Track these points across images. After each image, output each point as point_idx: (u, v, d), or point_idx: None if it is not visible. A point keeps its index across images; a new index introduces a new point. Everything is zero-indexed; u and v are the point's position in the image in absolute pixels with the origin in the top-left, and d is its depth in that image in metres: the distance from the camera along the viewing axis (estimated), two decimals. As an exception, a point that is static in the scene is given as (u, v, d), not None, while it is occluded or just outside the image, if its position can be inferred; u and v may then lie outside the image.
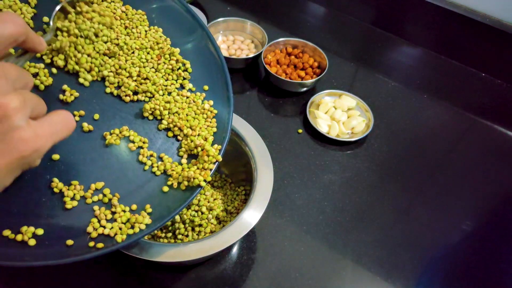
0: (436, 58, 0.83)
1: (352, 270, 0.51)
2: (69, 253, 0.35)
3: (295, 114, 0.70)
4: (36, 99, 0.27)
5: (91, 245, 0.36)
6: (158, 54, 0.46)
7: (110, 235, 0.37)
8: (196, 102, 0.45)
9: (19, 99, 0.25)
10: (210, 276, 0.49)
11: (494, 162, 0.65)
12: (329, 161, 0.63)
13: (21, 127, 0.24)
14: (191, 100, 0.45)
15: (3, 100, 0.24)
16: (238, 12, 0.89)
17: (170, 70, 0.46)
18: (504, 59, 0.76)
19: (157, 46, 0.46)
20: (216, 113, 0.45)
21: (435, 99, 0.75)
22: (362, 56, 0.82)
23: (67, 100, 0.40)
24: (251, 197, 0.45)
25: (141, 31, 0.46)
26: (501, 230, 0.57)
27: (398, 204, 0.58)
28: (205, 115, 0.45)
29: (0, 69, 0.25)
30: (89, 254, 0.35)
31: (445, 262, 0.53)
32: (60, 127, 0.28)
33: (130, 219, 0.38)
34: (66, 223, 0.36)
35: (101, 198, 0.38)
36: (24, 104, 0.25)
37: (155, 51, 0.46)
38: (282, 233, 0.54)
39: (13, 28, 0.27)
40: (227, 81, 0.47)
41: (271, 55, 0.75)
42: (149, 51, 0.45)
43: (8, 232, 0.34)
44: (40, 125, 0.26)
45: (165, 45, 0.46)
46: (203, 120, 0.44)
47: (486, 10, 0.75)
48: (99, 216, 0.37)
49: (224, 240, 0.41)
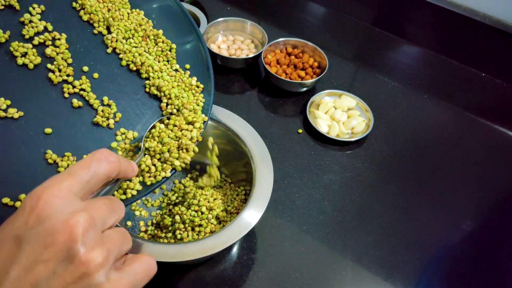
0: (436, 58, 0.83)
1: (352, 270, 0.51)
2: None
3: (295, 114, 0.70)
4: (121, 239, 0.27)
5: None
6: (143, 36, 0.48)
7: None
8: (183, 80, 0.48)
9: (103, 254, 0.24)
10: (210, 276, 0.49)
11: (494, 162, 0.65)
12: (329, 161, 0.63)
13: (101, 284, 0.24)
14: (179, 78, 0.48)
15: (86, 256, 0.23)
16: (238, 12, 0.89)
17: (160, 51, 0.48)
18: (504, 59, 0.76)
19: (140, 28, 0.48)
20: (203, 87, 0.48)
21: (435, 99, 0.75)
22: (362, 56, 0.82)
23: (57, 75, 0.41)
24: (251, 197, 0.45)
25: (124, 14, 0.47)
26: (501, 230, 0.57)
27: (398, 204, 0.58)
28: (193, 90, 0.48)
29: (89, 217, 0.24)
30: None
31: (445, 262, 0.53)
32: (141, 277, 0.27)
33: (122, 185, 0.40)
34: None
35: None
36: (107, 259, 0.24)
37: (139, 32, 0.47)
38: (282, 233, 0.54)
39: (107, 167, 0.28)
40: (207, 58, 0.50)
41: (271, 55, 0.75)
42: (133, 33, 0.47)
43: (7, 200, 0.36)
44: (121, 278, 0.25)
45: (147, 27, 0.48)
46: (192, 95, 0.47)
47: (486, 10, 0.75)
48: None
49: (224, 240, 0.41)
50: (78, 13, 0.45)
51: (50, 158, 0.39)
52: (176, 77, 0.48)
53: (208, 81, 0.49)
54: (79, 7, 0.45)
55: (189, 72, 0.49)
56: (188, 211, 0.48)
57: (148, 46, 0.47)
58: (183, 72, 0.49)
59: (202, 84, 0.49)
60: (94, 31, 0.45)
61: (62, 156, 0.39)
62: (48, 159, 0.39)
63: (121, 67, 0.46)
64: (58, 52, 0.42)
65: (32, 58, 0.40)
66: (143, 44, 0.47)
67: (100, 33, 0.46)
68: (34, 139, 0.39)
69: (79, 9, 0.45)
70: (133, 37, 0.47)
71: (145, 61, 0.46)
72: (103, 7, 0.46)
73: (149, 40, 0.48)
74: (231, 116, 0.53)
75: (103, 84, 0.44)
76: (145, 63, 0.46)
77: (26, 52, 0.40)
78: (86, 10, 0.45)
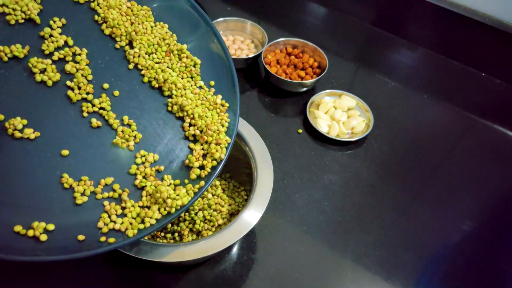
0: (436, 58, 0.83)
1: (352, 270, 0.51)
2: (81, 248, 0.35)
3: (295, 114, 0.70)
4: None
5: (103, 240, 0.36)
6: (166, 51, 0.46)
7: (121, 230, 0.37)
8: (208, 98, 0.45)
9: None
10: (210, 276, 0.49)
11: (494, 162, 0.65)
12: (329, 161, 0.63)
13: None
14: (203, 96, 0.45)
15: None
16: (238, 12, 0.89)
17: (184, 67, 0.46)
18: (504, 59, 0.76)
19: (164, 42, 0.46)
20: (228, 106, 0.46)
21: (435, 99, 0.75)
22: (362, 56, 0.82)
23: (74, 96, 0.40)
24: (251, 197, 0.45)
25: (147, 27, 0.45)
26: (501, 230, 0.57)
27: (398, 204, 0.58)
28: (218, 109, 0.45)
29: None
30: (101, 249, 0.35)
31: (445, 262, 0.53)
32: None
33: (140, 213, 0.38)
34: (77, 218, 0.37)
35: (111, 195, 0.38)
36: None
37: (162, 47, 0.45)
38: (282, 233, 0.54)
39: None
40: (232, 74, 0.48)
41: (271, 55, 0.75)
42: (156, 48, 0.45)
43: (20, 228, 0.34)
44: None
45: (171, 41, 0.46)
46: (216, 115, 0.45)
47: (486, 10, 0.75)
48: (109, 211, 0.37)
49: (224, 240, 0.41)
50: (100, 27, 0.43)
51: (66, 183, 0.37)
52: (200, 94, 0.45)
53: (234, 99, 0.46)
54: (101, 20, 0.43)
55: (214, 89, 0.47)
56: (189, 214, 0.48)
57: (172, 62, 0.45)
58: (207, 90, 0.46)
59: (227, 102, 0.46)
60: (116, 46, 0.43)
61: (79, 180, 0.38)
62: (64, 183, 0.37)
63: (143, 84, 0.44)
64: (78, 69, 0.41)
65: (51, 75, 0.39)
66: (167, 60, 0.45)
67: (122, 48, 0.44)
68: (50, 161, 0.37)
69: (101, 22, 0.43)
70: (156, 52, 0.45)
71: (168, 78, 0.43)
72: (126, 20, 0.44)
73: (173, 56, 0.46)
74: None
75: (123, 102, 0.42)
76: (168, 80, 0.43)
77: (45, 68, 0.39)
78: (109, 23, 0.43)
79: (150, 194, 0.39)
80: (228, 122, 0.45)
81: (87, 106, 0.40)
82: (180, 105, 0.43)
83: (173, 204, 0.38)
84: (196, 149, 0.42)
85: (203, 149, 0.43)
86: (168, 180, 0.40)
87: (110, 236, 0.36)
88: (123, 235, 0.37)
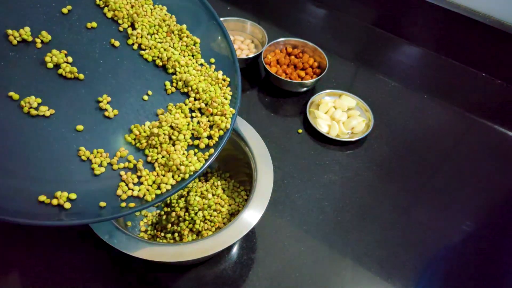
0: (436, 58, 0.83)
1: (352, 270, 0.51)
2: (104, 213, 0.37)
3: (295, 114, 0.70)
4: None
5: (123, 205, 0.38)
6: (167, 31, 0.48)
7: (140, 196, 0.39)
8: (209, 74, 0.48)
9: None
10: (210, 276, 0.49)
11: (494, 162, 0.65)
12: (329, 161, 0.63)
13: None
14: (205, 72, 0.48)
15: None
16: (238, 12, 0.89)
17: (185, 46, 0.48)
18: (504, 59, 0.76)
19: (164, 23, 0.48)
20: (229, 81, 0.48)
21: (435, 99, 0.75)
22: (362, 56, 0.82)
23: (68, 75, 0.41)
24: (251, 197, 0.45)
25: (147, 10, 0.48)
26: (501, 230, 0.57)
27: (398, 204, 0.58)
28: (220, 84, 0.48)
29: None
30: (123, 212, 0.38)
31: (445, 262, 0.53)
32: None
33: (156, 180, 0.40)
34: (96, 187, 0.39)
35: (126, 165, 0.40)
36: None
37: (163, 28, 0.48)
38: (282, 233, 0.54)
39: None
40: (231, 49, 0.50)
41: (271, 55, 0.75)
42: (157, 29, 0.47)
43: (44, 198, 0.36)
44: None
45: (171, 22, 0.48)
46: (219, 89, 0.47)
47: (486, 10, 0.75)
48: (126, 180, 0.40)
49: (224, 240, 0.41)
50: (102, 10, 0.45)
51: (84, 155, 0.39)
52: (202, 71, 0.48)
53: (235, 74, 0.49)
54: (103, 4, 0.45)
55: (214, 66, 0.49)
56: (190, 213, 0.48)
57: (173, 41, 0.48)
58: (209, 67, 0.49)
59: (228, 77, 0.49)
60: (119, 28, 0.46)
61: (96, 153, 0.40)
62: (82, 156, 0.39)
63: (148, 63, 0.46)
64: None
65: (60, 56, 0.41)
66: (168, 40, 0.48)
67: (125, 30, 0.46)
68: (66, 136, 0.39)
69: (103, 6, 0.46)
70: (158, 33, 0.47)
71: (171, 56, 0.46)
72: (127, 3, 0.47)
73: (174, 35, 0.48)
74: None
75: (130, 81, 0.44)
76: (171, 58, 0.46)
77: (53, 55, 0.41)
78: (110, 7, 0.45)
79: (163, 164, 0.41)
80: (230, 95, 0.47)
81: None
82: (185, 81, 0.46)
83: (186, 170, 0.41)
84: (203, 121, 0.45)
85: (209, 121, 0.45)
86: (182, 150, 0.42)
87: (130, 202, 0.39)
88: (141, 201, 0.39)
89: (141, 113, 0.44)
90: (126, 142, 0.42)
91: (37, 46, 0.41)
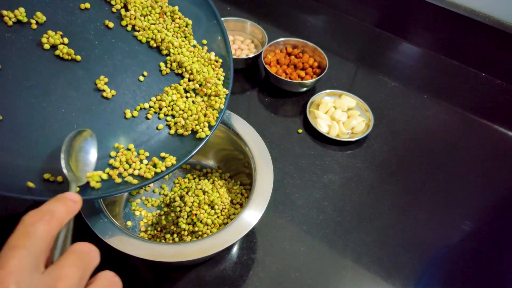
0: (436, 58, 0.83)
1: (352, 270, 0.51)
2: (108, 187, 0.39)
3: (295, 114, 0.70)
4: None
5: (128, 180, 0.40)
6: (159, 12, 0.49)
7: (141, 175, 0.41)
8: (202, 55, 0.49)
9: None
10: (210, 276, 0.49)
11: (494, 162, 0.65)
12: (329, 161, 0.63)
13: None
14: (197, 54, 0.49)
15: None
16: (238, 12, 0.89)
17: (178, 28, 0.49)
18: (504, 59, 0.76)
19: (157, 4, 0.48)
20: (221, 62, 0.49)
21: (435, 99, 0.75)
22: (362, 56, 0.82)
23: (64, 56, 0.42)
24: (251, 197, 0.45)
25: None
26: (501, 230, 0.57)
27: (398, 204, 0.58)
28: (213, 65, 0.49)
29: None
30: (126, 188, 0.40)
31: (445, 262, 0.53)
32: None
33: (154, 161, 0.42)
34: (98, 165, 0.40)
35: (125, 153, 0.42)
36: None
37: (156, 9, 0.48)
38: (282, 233, 0.54)
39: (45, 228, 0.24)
40: (224, 35, 0.51)
41: (271, 55, 0.75)
42: (150, 10, 0.48)
43: (49, 175, 0.37)
44: None
45: (163, 3, 0.49)
46: (212, 70, 0.48)
47: (486, 10, 0.75)
48: (129, 161, 0.42)
49: (224, 240, 0.41)
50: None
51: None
52: (195, 52, 0.49)
53: (227, 55, 0.50)
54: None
55: (207, 47, 0.50)
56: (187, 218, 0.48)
57: (166, 23, 0.48)
58: (201, 48, 0.49)
59: (220, 59, 0.50)
60: (112, 9, 0.46)
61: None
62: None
63: (142, 44, 0.47)
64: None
65: (56, 37, 0.41)
66: (161, 21, 0.48)
67: (118, 11, 0.46)
68: (65, 116, 0.40)
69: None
70: (151, 14, 0.48)
71: (165, 38, 0.47)
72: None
73: (166, 17, 0.49)
74: (231, 116, 0.53)
75: (126, 61, 0.45)
76: (165, 40, 0.47)
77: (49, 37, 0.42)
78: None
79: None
80: (223, 75, 0.49)
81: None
82: (179, 62, 0.47)
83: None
84: (197, 101, 0.46)
85: (203, 101, 0.46)
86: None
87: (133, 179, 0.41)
88: (142, 178, 0.41)
89: (138, 94, 0.45)
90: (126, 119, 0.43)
91: (32, 27, 0.41)
